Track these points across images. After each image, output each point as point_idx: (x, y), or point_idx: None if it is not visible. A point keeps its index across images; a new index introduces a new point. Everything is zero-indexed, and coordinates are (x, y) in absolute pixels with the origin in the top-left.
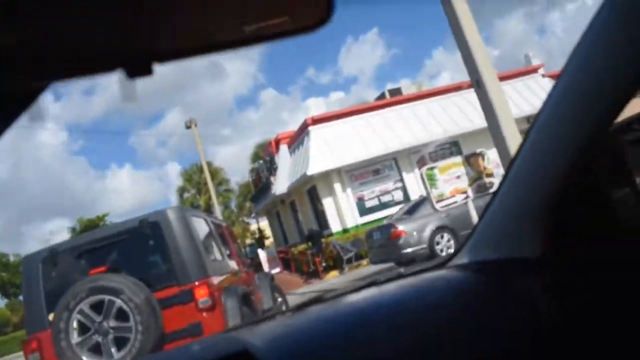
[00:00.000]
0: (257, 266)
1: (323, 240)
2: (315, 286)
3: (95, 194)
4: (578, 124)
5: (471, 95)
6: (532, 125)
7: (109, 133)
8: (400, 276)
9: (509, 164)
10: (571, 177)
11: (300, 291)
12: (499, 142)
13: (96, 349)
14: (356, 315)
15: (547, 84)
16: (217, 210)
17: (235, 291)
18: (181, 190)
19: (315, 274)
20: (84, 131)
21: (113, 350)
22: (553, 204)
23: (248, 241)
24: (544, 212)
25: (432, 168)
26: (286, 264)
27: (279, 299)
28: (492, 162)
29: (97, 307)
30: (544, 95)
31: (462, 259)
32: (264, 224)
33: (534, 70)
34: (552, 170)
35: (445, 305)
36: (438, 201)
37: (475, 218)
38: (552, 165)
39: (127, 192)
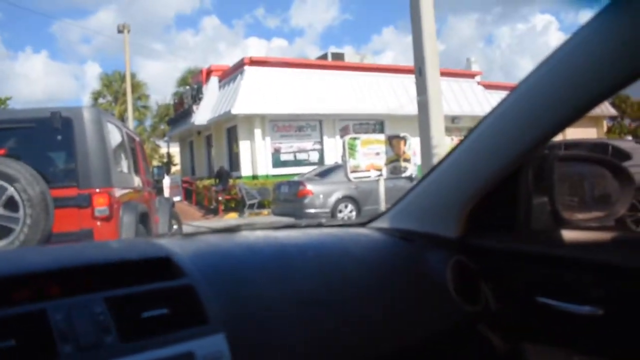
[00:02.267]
0: (160, 190)
1: (231, 180)
2: (213, 222)
3: (1, 74)
4: (517, 138)
5: (408, 80)
6: (477, 125)
7: (31, 11)
8: (321, 225)
9: (451, 149)
10: (500, 178)
11: (196, 223)
12: (424, 132)
13: None
14: (279, 249)
15: (480, 92)
16: (131, 124)
17: (135, 207)
18: (97, 95)
19: (214, 211)
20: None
21: None
22: (479, 197)
23: (155, 163)
24: (470, 202)
25: (355, 138)
26: (188, 195)
27: (175, 226)
28: (412, 148)
29: None
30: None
31: (384, 223)
32: (175, 150)
33: (472, 76)
34: (487, 167)
35: (367, 259)
36: (352, 171)
37: (383, 196)
38: (488, 163)
39: (38, 81)
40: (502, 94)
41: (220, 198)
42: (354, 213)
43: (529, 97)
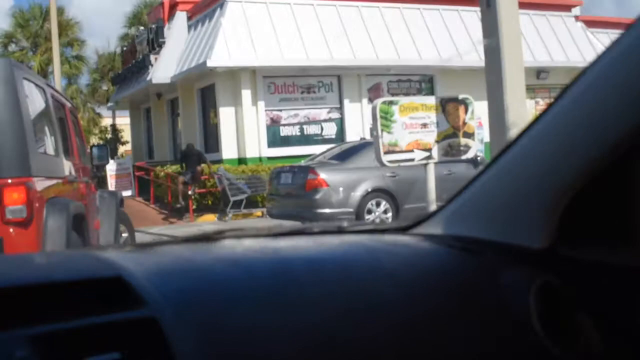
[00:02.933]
0: (102, 180)
1: (204, 166)
2: (180, 228)
3: None
4: (634, 100)
5: (470, 15)
6: (574, 83)
7: None
8: (342, 231)
9: (533, 119)
10: (607, 163)
11: (155, 230)
12: (495, 94)
13: None
14: (280, 265)
15: (579, 31)
16: (58, 82)
17: (66, 206)
18: (7, 39)
19: (182, 212)
20: None
21: None
22: (576, 191)
23: (95, 140)
24: (562, 197)
25: (390, 103)
26: (144, 187)
27: (125, 234)
28: (476, 118)
29: None
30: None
31: (434, 229)
32: (124, 121)
33: (567, 7)
34: (588, 147)
35: (410, 280)
36: (387, 152)
37: (433, 189)
38: (590, 140)
39: None
40: (613, 35)
41: (190, 192)
42: (389, 214)
43: None
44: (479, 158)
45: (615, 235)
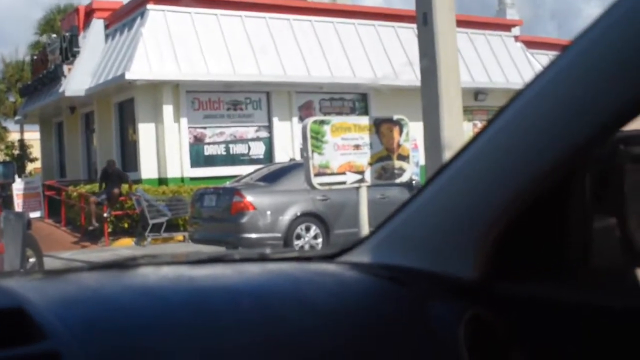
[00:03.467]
0: (7, 200)
1: (125, 186)
2: (94, 254)
3: None
4: (569, 125)
5: (407, 33)
6: (509, 104)
7: None
8: (265, 259)
9: (468, 142)
10: (542, 188)
11: (67, 255)
12: (431, 115)
13: None
14: (196, 296)
15: (518, 52)
16: None
17: None
18: None
19: (97, 236)
20: None
21: None
22: (510, 218)
23: (0, 157)
24: (496, 225)
25: (321, 122)
26: (54, 208)
27: (32, 259)
28: (411, 139)
29: None
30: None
31: (361, 257)
32: (32, 136)
33: (507, 27)
34: (523, 172)
35: (336, 313)
36: (318, 174)
37: (365, 214)
38: (524, 164)
39: None
40: (553, 56)
41: (106, 215)
42: (319, 240)
43: (590, 60)
44: (413, 182)
45: (552, 267)
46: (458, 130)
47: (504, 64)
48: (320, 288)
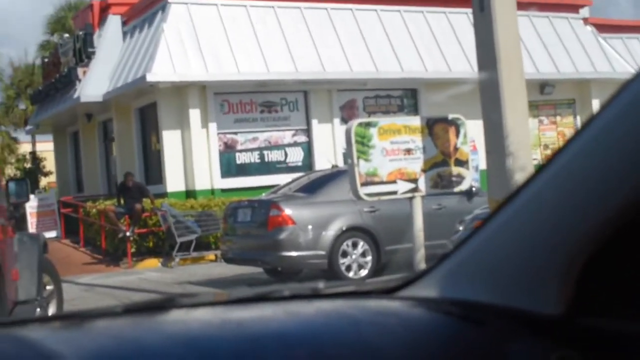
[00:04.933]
0: (21, 220)
1: (146, 201)
2: (116, 277)
3: None
4: None
5: (461, 19)
6: (588, 124)
7: None
8: (317, 296)
9: (538, 169)
10: (631, 216)
11: (86, 280)
12: (491, 112)
13: None
14: (246, 347)
15: (589, 37)
16: None
17: None
18: None
19: (119, 256)
20: None
21: None
22: (599, 247)
23: (11, 171)
24: (583, 254)
25: (367, 124)
26: (71, 227)
27: (49, 287)
28: (469, 141)
29: None
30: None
31: (427, 291)
32: (45, 148)
33: (574, 8)
34: (607, 202)
35: (401, 357)
36: (365, 183)
37: (420, 227)
38: (608, 195)
39: None
40: (629, 41)
41: (128, 233)
42: (369, 257)
43: None
44: (474, 189)
45: None
46: (523, 129)
47: (573, 51)
48: (383, 331)
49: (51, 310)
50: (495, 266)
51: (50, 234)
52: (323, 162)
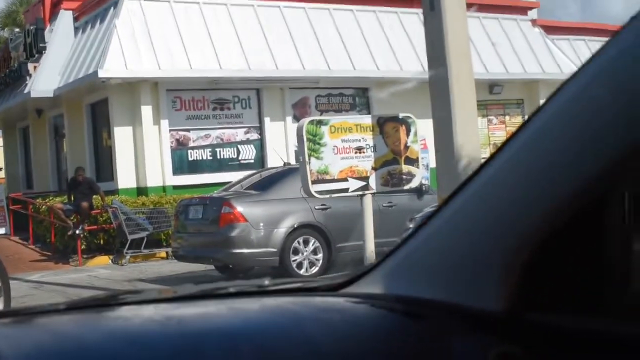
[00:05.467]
0: None
1: (97, 197)
2: (65, 275)
3: None
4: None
5: (412, 19)
6: (530, 118)
7: None
8: (264, 292)
9: (480, 165)
10: (576, 208)
11: (35, 277)
12: (441, 111)
13: None
14: (188, 343)
15: (537, 38)
16: None
17: None
18: None
19: (68, 254)
20: None
21: None
22: (541, 241)
23: None
24: (525, 249)
25: (319, 123)
26: (20, 224)
27: None
28: (420, 139)
29: None
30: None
31: (371, 288)
32: None
33: (522, 10)
34: (551, 194)
35: (344, 354)
36: (316, 181)
37: (370, 226)
38: (552, 187)
39: None
40: (576, 42)
41: (78, 231)
42: (320, 255)
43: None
44: (424, 187)
45: (588, 296)
46: (472, 128)
47: (521, 52)
48: (326, 327)
49: None
50: (438, 262)
51: (0, 231)
52: (275, 159)
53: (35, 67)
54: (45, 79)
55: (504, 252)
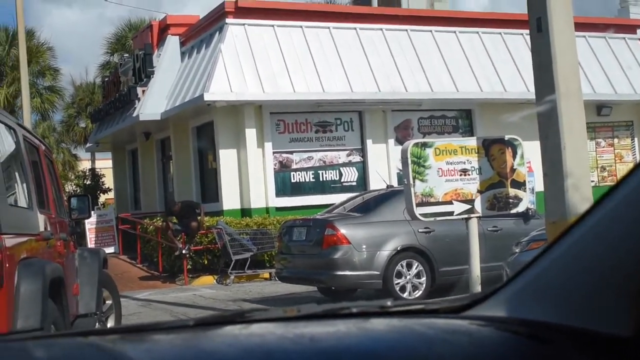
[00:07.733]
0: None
1: (200, 219)
2: (171, 293)
3: None
4: None
5: (516, 40)
6: None
7: None
8: (385, 312)
9: (611, 189)
10: None
11: (143, 295)
12: (548, 134)
13: None
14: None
15: None
16: (27, 118)
17: (41, 269)
18: None
19: (174, 273)
20: None
21: None
22: None
23: (71, 188)
24: None
25: (423, 145)
26: (128, 243)
27: (108, 301)
28: (526, 162)
29: None
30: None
31: (495, 311)
32: (104, 165)
33: (631, 28)
34: None
35: None
36: (420, 203)
37: (476, 251)
38: None
39: None
40: None
41: (184, 251)
42: (423, 278)
43: None
44: (530, 212)
45: None
46: (581, 151)
47: (630, 72)
48: (455, 349)
49: (110, 325)
50: (564, 287)
51: (109, 250)
52: (377, 181)
53: (143, 91)
54: (153, 103)
55: (633, 278)
